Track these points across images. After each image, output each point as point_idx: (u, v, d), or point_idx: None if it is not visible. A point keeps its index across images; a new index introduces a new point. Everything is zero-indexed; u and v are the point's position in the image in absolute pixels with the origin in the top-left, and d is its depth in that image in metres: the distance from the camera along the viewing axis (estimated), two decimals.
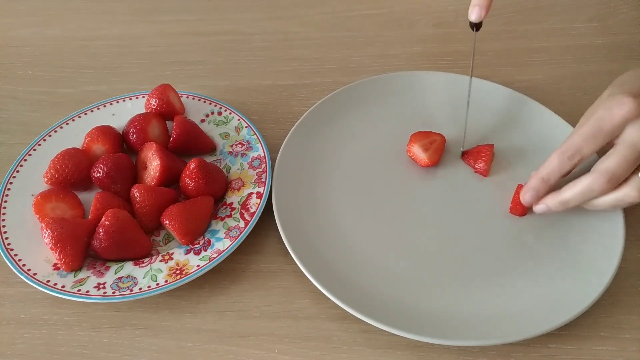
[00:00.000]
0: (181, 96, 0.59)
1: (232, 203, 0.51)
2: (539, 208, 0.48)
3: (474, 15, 0.46)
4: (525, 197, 0.48)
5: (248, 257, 0.50)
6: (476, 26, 0.48)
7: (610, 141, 0.44)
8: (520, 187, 0.50)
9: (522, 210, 0.50)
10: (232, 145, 0.56)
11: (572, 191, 0.45)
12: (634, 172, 0.43)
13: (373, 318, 0.42)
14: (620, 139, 0.43)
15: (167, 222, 0.48)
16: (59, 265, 0.46)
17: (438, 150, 0.54)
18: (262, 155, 0.54)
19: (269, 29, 0.74)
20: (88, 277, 0.46)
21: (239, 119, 0.58)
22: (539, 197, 0.48)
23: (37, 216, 0.49)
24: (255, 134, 0.56)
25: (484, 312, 0.44)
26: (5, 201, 0.51)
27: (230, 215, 0.50)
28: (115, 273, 0.46)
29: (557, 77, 0.65)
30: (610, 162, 0.43)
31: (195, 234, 0.48)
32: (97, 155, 0.53)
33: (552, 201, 0.47)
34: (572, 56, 0.68)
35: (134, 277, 0.46)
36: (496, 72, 0.64)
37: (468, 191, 0.53)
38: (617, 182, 0.43)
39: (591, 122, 0.44)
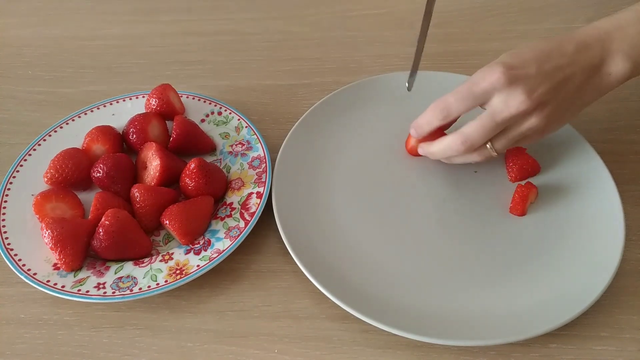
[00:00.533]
0: (181, 96, 0.59)
1: (232, 203, 0.51)
2: (419, 151, 0.52)
3: (412, 131, 0.51)
4: (410, 132, 0.52)
5: (248, 257, 0.50)
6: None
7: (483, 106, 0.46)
8: (520, 187, 0.50)
9: (522, 210, 0.50)
10: (232, 145, 0.56)
11: (436, 146, 0.50)
12: (490, 141, 0.47)
13: (373, 318, 0.42)
14: (486, 106, 0.46)
15: (167, 222, 0.48)
16: (59, 265, 0.46)
17: None
18: (262, 155, 0.54)
19: (269, 29, 0.74)
20: (88, 277, 0.46)
21: (239, 119, 0.58)
22: (420, 137, 0.51)
23: (37, 216, 0.49)
24: (255, 134, 0.56)
25: (484, 312, 0.44)
26: (5, 201, 0.51)
27: (230, 215, 0.50)
28: (115, 273, 0.46)
29: None
30: (469, 127, 0.46)
31: (195, 234, 0.48)
32: (97, 155, 0.53)
33: (424, 150, 0.52)
34: None
35: (134, 277, 0.46)
36: None
37: (468, 191, 0.53)
38: (471, 146, 0.46)
39: (466, 84, 0.46)
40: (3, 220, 0.50)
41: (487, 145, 0.47)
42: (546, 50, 0.45)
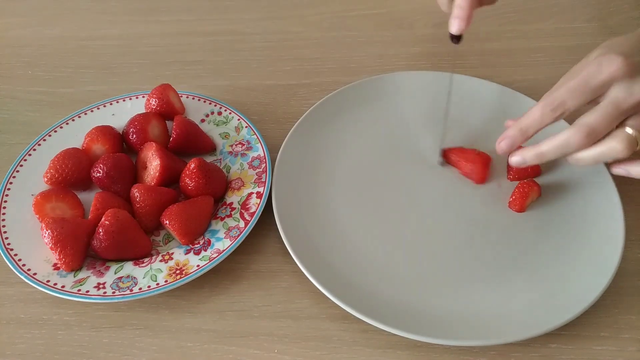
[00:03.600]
0: (181, 96, 0.59)
1: (232, 203, 0.51)
2: (514, 160, 0.47)
3: (454, 28, 0.46)
4: (502, 145, 0.47)
5: (248, 257, 0.50)
6: (456, 38, 0.47)
7: (595, 100, 0.44)
8: (522, 183, 0.50)
9: (520, 205, 0.50)
10: (232, 145, 0.56)
11: (550, 144, 0.45)
12: (618, 127, 0.43)
13: (373, 318, 0.42)
14: (605, 97, 0.43)
15: (167, 222, 0.48)
16: (59, 265, 0.46)
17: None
18: (262, 155, 0.54)
19: (269, 29, 0.74)
20: (88, 277, 0.46)
21: (239, 119, 0.58)
22: (515, 147, 0.47)
23: (37, 216, 0.49)
24: (255, 134, 0.56)
25: (484, 312, 0.44)
26: (5, 201, 0.51)
27: (230, 215, 0.50)
28: (115, 273, 0.46)
29: (557, 77, 0.64)
30: (591, 117, 0.43)
31: (195, 234, 0.48)
32: (97, 155, 0.53)
33: (529, 153, 0.46)
34: (572, 56, 0.67)
35: (134, 277, 0.46)
36: (496, 72, 0.64)
37: (469, 192, 0.53)
38: (595, 137, 0.43)
39: (580, 77, 0.43)
40: (3, 220, 0.50)
41: (628, 130, 0.43)
42: (638, 42, 0.44)
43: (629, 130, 0.43)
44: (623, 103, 0.42)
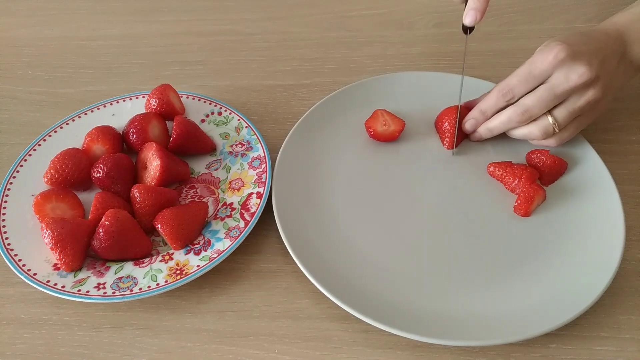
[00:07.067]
0: (181, 96, 0.59)
1: (232, 203, 0.51)
2: (474, 136, 0.55)
3: (468, 19, 0.49)
4: (466, 126, 0.54)
5: (248, 257, 0.50)
6: (469, 29, 0.49)
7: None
8: (526, 187, 0.50)
9: (525, 210, 0.50)
10: (232, 145, 0.56)
11: (496, 121, 0.52)
12: (546, 113, 0.50)
13: (373, 318, 0.42)
14: (546, 81, 0.48)
15: (159, 225, 0.47)
16: (59, 266, 0.46)
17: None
18: (262, 155, 0.54)
19: (269, 29, 0.74)
20: (88, 277, 0.46)
21: (239, 119, 0.58)
22: (478, 126, 0.54)
23: (37, 216, 0.49)
24: (255, 134, 0.56)
25: (484, 312, 0.44)
26: (5, 201, 0.51)
27: (230, 215, 0.50)
28: (115, 273, 0.46)
29: None
30: (528, 100, 0.49)
31: (185, 240, 0.48)
32: (97, 155, 0.53)
33: (482, 129, 0.54)
34: None
35: (134, 277, 0.46)
36: (496, 72, 0.64)
37: (469, 191, 0.53)
38: (531, 117, 0.50)
39: (525, 66, 0.49)
40: (3, 220, 0.50)
41: (549, 119, 0.49)
42: (583, 36, 0.49)
43: (550, 119, 0.49)
44: (558, 88, 0.47)
